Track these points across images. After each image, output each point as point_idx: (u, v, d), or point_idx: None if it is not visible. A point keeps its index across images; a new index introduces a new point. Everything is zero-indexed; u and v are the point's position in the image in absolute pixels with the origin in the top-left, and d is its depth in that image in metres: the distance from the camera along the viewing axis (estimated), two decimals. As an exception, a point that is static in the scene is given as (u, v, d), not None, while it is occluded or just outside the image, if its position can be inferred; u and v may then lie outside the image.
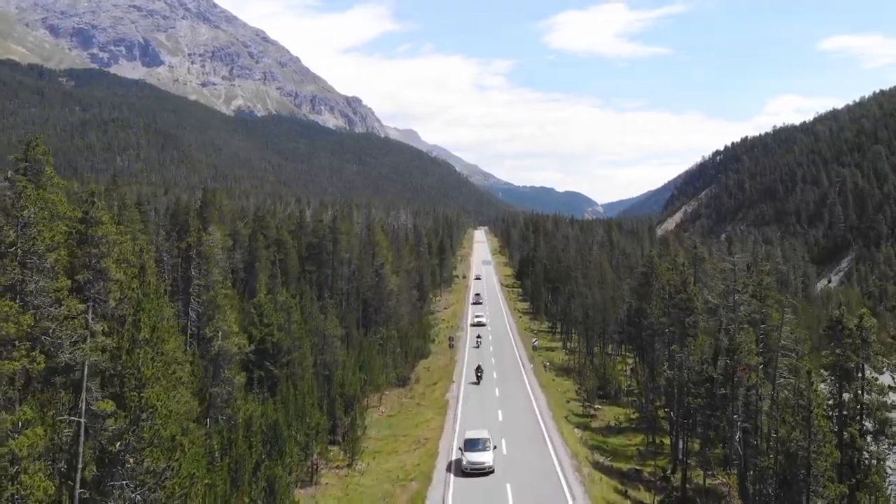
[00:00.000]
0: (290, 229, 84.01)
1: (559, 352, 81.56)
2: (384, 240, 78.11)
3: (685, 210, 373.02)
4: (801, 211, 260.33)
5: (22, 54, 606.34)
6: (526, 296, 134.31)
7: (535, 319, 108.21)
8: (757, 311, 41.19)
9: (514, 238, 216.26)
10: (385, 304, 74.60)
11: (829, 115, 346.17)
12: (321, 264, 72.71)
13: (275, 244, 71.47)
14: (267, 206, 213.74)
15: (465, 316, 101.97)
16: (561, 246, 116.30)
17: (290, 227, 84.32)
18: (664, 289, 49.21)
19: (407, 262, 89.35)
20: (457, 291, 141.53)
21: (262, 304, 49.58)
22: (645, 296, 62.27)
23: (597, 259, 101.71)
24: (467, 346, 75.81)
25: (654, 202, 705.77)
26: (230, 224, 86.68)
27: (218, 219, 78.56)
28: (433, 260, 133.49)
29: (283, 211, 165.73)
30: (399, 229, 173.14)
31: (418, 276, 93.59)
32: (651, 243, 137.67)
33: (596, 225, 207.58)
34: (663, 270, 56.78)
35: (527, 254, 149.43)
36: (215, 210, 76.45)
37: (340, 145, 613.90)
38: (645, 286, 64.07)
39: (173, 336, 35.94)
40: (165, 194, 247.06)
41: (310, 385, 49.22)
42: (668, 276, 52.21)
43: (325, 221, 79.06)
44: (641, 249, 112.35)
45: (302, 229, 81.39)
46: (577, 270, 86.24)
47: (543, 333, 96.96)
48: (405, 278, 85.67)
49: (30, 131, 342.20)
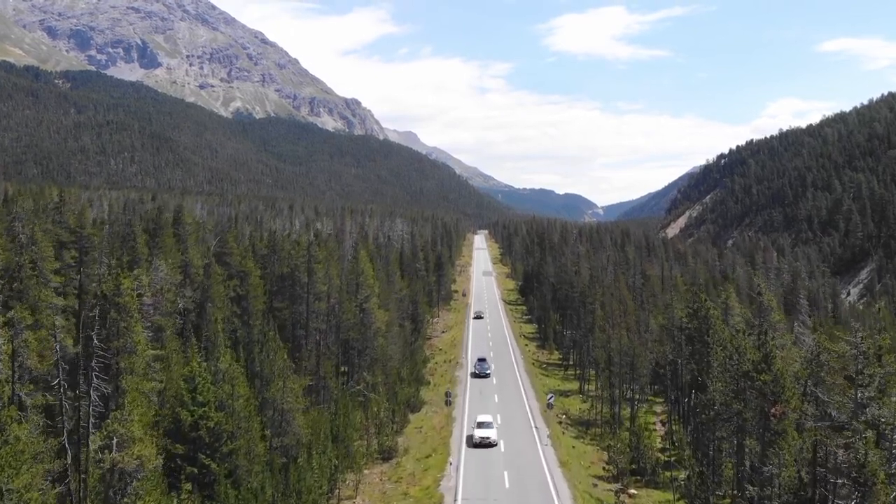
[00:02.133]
0: (263, 252, 71.25)
1: (575, 398, 68.81)
2: (370, 267, 65.45)
3: (689, 214, 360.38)
4: (812, 217, 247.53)
5: (18, 56, 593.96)
6: (531, 315, 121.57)
7: (544, 348, 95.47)
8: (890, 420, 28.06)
9: (516, 247, 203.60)
10: (370, 344, 61.95)
11: (836, 118, 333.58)
12: (294, 299, 60.10)
13: (238, 276, 58.80)
14: (256, 215, 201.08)
15: (465, 347, 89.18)
16: (571, 265, 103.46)
17: (263, 249, 71.56)
18: (730, 358, 36.24)
19: (398, 288, 76.61)
20: (456, 310, 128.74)
21: (195, 377, 36.85)
22: (691, 352, 49.39)
23: (613, 283, 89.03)
24: (467, 399, 63.06)
25: (655, 205, 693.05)
26: (192, 248, 73.93)
27: (174, 245, 65.81)
28: (431, 277, 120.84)
29: (272, 221, 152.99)
30: (395, 239, 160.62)
31: (412, 303, 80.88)
32: (668, 258, 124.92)
33: (602, 233, 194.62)
34: (719, 325, 43.88)
35: (531, 268, 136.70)
36: (168, 235, 63.65)
37: (339, 148, 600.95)
38: (691, 340, 51.22)
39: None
40: (153, 200, 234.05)
41: (260, 482, 36.61)
42: (733, 340, 39.29)
43: (304, 242, 66.42)
44: (662, 271, 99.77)
45: (276, 254, 68.77)
46: (594, 301, 73.60)
47: (554, 370, 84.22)
48: (396, 308, 73.04)
49: (24, 134, 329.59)
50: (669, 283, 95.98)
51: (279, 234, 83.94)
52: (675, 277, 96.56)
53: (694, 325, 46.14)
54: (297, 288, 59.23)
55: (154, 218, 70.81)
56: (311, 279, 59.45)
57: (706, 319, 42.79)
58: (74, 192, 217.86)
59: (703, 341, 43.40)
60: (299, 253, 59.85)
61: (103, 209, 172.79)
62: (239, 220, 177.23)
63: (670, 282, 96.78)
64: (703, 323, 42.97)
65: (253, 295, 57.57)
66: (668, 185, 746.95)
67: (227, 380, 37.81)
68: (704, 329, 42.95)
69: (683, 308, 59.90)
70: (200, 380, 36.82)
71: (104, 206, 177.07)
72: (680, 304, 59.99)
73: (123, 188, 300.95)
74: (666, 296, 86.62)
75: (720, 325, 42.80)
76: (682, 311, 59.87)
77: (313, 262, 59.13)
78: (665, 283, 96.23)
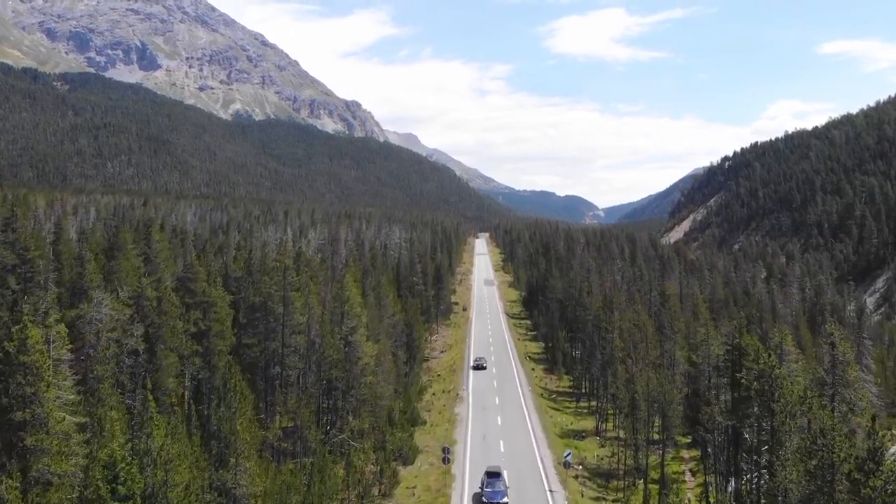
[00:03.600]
0: (238, 275, 62.36)
1: (592, 441, 59.94)
2: (357, 293, 56.58)
3: (694, 218, 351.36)
4: (822, 222, 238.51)
5: (17, 58, 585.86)
6: (536, 331, 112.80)
7: (552, 373, 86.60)
8: None
9: (519, 254, 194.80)
10: (357, 382, 53.12)
11: (843, 120, 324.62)
12: (267, 333, 51.32)
13: (201, 307, 50.02)
14: (249, 222, 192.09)
15: (466, 375, 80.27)
16: (580, 280, 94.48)
17: (237, 271, 62.64)
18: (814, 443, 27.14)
19: (392, 312, 67.74)
20: (456, 325, 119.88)
21: (116, 462, 28.04)
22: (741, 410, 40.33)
23: (627, 302, 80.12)
24: (468, 447, 54.15)
25: (657, 206, 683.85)
26: (164, 267, 65.21)
27: (132, 269, 57.03)
28: (429, 292, 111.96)
29: (264, 231, 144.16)
30: (392, 247, 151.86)
31: (407, 328, 72.01)
32: (682, 269, 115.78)
33: (608, 239, 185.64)
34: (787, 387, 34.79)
35: (535, 279, 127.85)
36: (129, 257, 54.87)
37: (339, 150, 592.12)
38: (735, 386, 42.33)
39: None
40: (144, 205, 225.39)
41: None
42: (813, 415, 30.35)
43: (283, 263, 57.51)
44: (680, 288, 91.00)
45: (251, 276, 59.93)
46: (611, 329, 64.64)
47: (565, 400, 75.36)
48: (388, 336, 64.22)
49: (20, 136, 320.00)
50: (689, 301, 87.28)
51: (260, 252, 75.15)
52: (696, 296, 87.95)
53: (749, 382, 37.17)
54: (271, 320, 50.50)
55: (114, 236, 61.95)
56: (287, 310, 50.67)
57: (772, 380, 33.79)
58: (64, 197, 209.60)
59: (766, 406, 34.37)
60: (273, 280, 51.07)
61: (89, 217, 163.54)
62: (231, 228, 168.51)
63: (690, 300, 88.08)
64: (768, 384, 34.01)
65: (217, 330, 48.82)
66: (670, 186, 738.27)
67: (160, 463, 29.02)
68: (769, 392, 33.93)
69: (721, 344, 51.11)
70: (123, 466, 28.03)
71: (90, 212, 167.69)
72: (716, 339, 51.09)
73: (116, 192, 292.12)
74: (688, 318, 77.74)
75: (788, 387, 33.87)
76: (719, 347, 51.09)
77: (289, 290, 50.36)
78: (684, 302, 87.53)
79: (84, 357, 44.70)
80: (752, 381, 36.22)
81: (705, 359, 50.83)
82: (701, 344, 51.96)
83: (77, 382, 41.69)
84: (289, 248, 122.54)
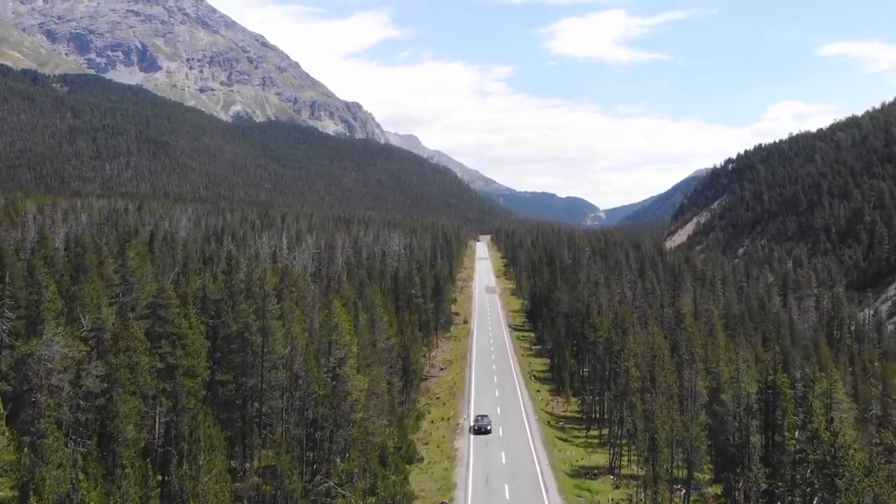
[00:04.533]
0: (216, 297, 56.51)
1: (606, 481, 54.05)
2: (346, 319, 50.69)
3: (697, 221, 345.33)
4: (830, 227, 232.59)
5: (16, 59, 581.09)
6: (540, 346, 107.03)
7: (559, 394, 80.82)
8: None
9: (521, 260, 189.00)
10: (345, 420, 47.40)
11: (849, 122, 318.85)
12: (245, 368, 45.60)
13: (169, 340, 44.26)
14: (244, 228, 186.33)
15: (467, 399, 74.43)
16: (587, 295, 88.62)
17: (216, 293, 56.79)
18: None
19: (386, 336, 61.82)
20: (456, 338, 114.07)
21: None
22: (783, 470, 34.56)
23: (639, 321, 74.25)
24: (469, 496, 48.32)
25: (659, 208, 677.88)
26: (139, 287, 59.57)
27: (102, 291, 51.37)
28: (428, 305, 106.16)
29: (257, 239, 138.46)
30: (391, 255, 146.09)
31: (404, 351, 66.07)
32: (694, 281, 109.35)
33: (613, 247, 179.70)
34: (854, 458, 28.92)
35: (539, 290, 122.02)
36: (90, 280, 49.14)
37: (339, 152, 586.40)
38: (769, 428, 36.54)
39: None
40: (139, 209, 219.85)
41: None
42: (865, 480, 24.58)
43: (265, 287, 51.63)
44: (695, 304, 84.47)
45: (233, 298, 54.05)
46: (626, 358, 58.45)
47: (574, 427, 69.57)
48: (382, 362, 58.40)
49: (17, 138, 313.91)
50: (704, 317, 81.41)
51: (246, 268, 69.28)
52: (711, 312, 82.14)
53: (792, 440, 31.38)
54: (249, 353, 44.79)
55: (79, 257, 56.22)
56: (266, 341, 44.97)
57: (833, 449, 27.94)
58: (55, 202, 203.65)
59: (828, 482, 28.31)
60: (251, 307, 45.32)
61: (80, 223, 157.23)
62: (225, 234, 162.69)
63: (705, 316, 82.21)
64: (828, 453, 28.16)
65: (187, 367, 43.10)
66: (671, 188, 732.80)
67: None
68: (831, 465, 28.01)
69: (752, 381, 45.35)
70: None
71: (81, 219, 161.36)
72: (747, 375, 45.32)
73: (112, 196, 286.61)
74: (704, 337, 71.91)
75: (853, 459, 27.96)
76: (751, 384, 45.32)
77: (269, 320, 44.66)
78: (699, 318, 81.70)
79: (32, 404, 39.09)
80: (804, 445, 30.33)
81: (737, 398, 45.00)
82: (729, 383, 46.14)
83: (21, 433, 36.15)
84: (278, 264, 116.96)
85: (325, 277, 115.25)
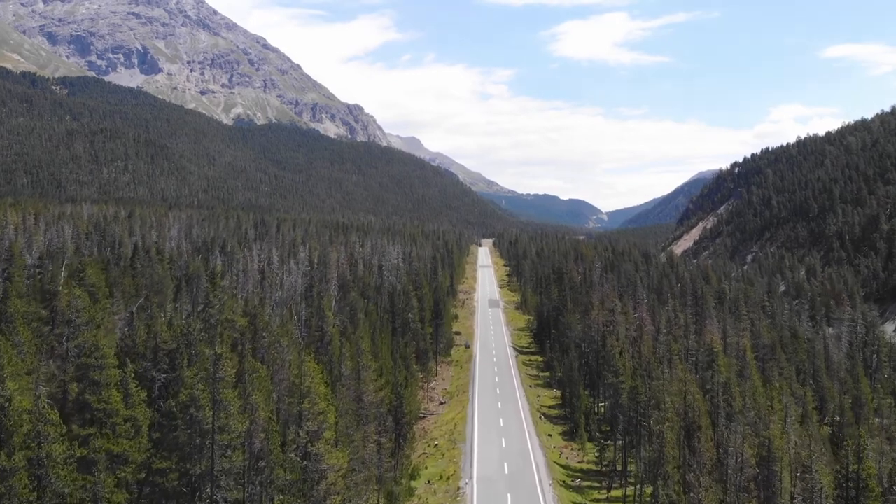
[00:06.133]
0: (170, 347, 46.93)
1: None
2: (321, 381, 40.96)
3: (704, 226, 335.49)
4: (843, 234, 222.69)
5: (16, 62, 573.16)
6: (549, 372, 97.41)
7: (573, 440, 71.17)
8: None
9: (526, 271, 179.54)
10: (320, 506, 38.01)
11: (858, 126, 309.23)
12: (191, 452, 36.08)
13: (97, 419, 34.66)
14: (237, 236, 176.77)
15: (469, 449, 64.86)
16: (602, 325, 79.03)
17: (169, 343, 47.15)
18: None
19: (374, 388, 52.03)
20: (458, 364, 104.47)
21: None
22: None
23: (666, 359, 64.69)
24: None
25: (661, 211, 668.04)
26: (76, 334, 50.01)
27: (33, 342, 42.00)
28: (427, 329, 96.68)
29: (247, 254, 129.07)
30: (388, 268, 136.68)
31: (396, 399, 56.17)
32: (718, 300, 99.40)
33: (620, 256, 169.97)
34: None
35: (547, 311, 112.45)
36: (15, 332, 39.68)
37: (340, 155, 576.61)
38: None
39: None
40: (129, 217, 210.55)
41: None
42: None
43: (216, 349, 41.96)
44: (724, 336, 74.88)
45: (191, 348, 44.47)
46: (660, 420, 48.75)
47: (593, 483, 59.95)
48: (367, 421, 48.89)
49: (14, 141, 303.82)
50: (735, 353, 71.83)
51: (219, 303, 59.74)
52: (744, 346, 72.72)
53: None
54: (196, 434, 35.42)
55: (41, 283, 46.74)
56: (216, 415, 35.49)
57: None
58: (38, 210, 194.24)
59: None
60: (199, 374, 35.87)
61: (61, 236, 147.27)
62: (215, 244, 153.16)
63: (736, 351, 72.64)
64: None
65: (117, 452, 33.65)
66: (674, 190, 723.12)
67: None
68: None
69: (826, 469, 35.74)
70: None
71: (66, 231, 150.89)
72: (819, 462, 35.92)
73: (106, 202, 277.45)
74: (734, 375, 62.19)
75: None
76: (826, 475, 35.69)
77: (220, 390, 35.22)
78: (728, 352, 72.07)
79: None
80: None
81: (808, 487, 35.43)
82: (803, 473, 36.54)
83: None
84: (266, 279, 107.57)
85: (316, 295, 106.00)
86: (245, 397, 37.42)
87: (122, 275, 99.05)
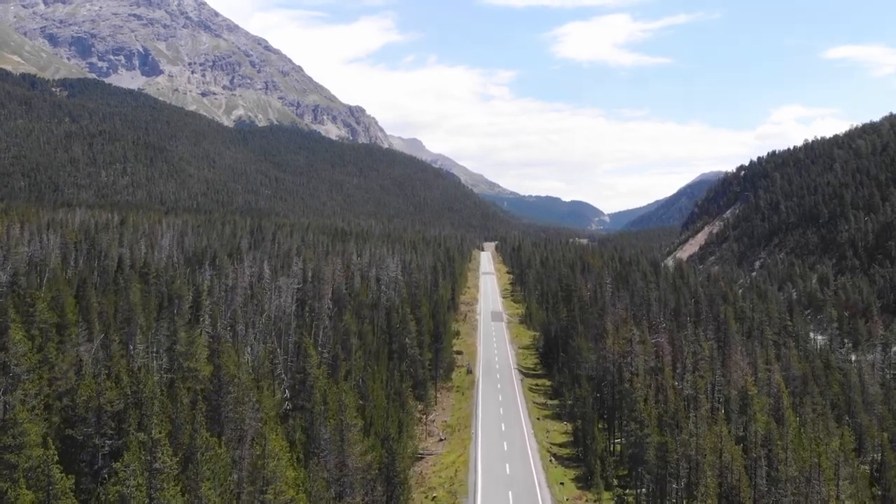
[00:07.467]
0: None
1: None
2: (287, 460, 33.25)
3: (709, 231, 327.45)
4: (856, 241, 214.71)
5: (16, 63, 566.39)
6: (557, 399, 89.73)
7: (587, 488, 63.56)
8: None
9: (530, 280, 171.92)
10: None
11: (868, 129, 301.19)
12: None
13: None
14: (231, 245, 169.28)
15: (472, 500, 57.26)
16: (619, 360, 71.41)
17: (117, 402, 39.46)
18: None
19: (360, 451, 44.38)
20: (458, 390, 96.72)
21: None
22: None
23: (692, 402, 57.11)
24: None
25: (664, 213, 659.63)
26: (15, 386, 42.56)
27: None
28: (426, 354, 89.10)
29: (238, 267, 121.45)
30: (386, 282, 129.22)
31: (388, 455, 48.54)
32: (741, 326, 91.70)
33: (631, 269, 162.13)
34: None
35: (555, 331, 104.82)
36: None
37: (341, 157, 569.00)
38: None
39: None
40: (122, 224, 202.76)
41: None
42: None
43: (151, 435, 34.24)
44: (755, 372, 67.31)
45: (141, 408, 36.61)
46: (695, 482, 41.58)
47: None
48: (353, 491, 41.29)
49: (12, 144, 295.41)
50: (768, 390, 64.37)
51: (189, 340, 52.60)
52: (777, 382, 65.16)
53: None
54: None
55: None
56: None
57: None
58: (30, 217, 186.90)
59: None
60: (132, 460, 28.32)
61: (47, 245, 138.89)
62: (205, 258, 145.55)
63: (769, 387, 65.15)
64: None
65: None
66: (677, 192, 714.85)
67: None
68: None
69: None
70: None
71: (51, 242, 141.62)
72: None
73: (102, 206, 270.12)
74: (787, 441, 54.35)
75: None
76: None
77: (159, 485, 27.63)
78: (760, 387, 64.54)
79: None
80: None
81: None
82: None
83: None
84: (254, 296, 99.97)
85: (307, 316, 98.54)
86: (193, 491, 29.77)
87: (102, 294, 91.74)
